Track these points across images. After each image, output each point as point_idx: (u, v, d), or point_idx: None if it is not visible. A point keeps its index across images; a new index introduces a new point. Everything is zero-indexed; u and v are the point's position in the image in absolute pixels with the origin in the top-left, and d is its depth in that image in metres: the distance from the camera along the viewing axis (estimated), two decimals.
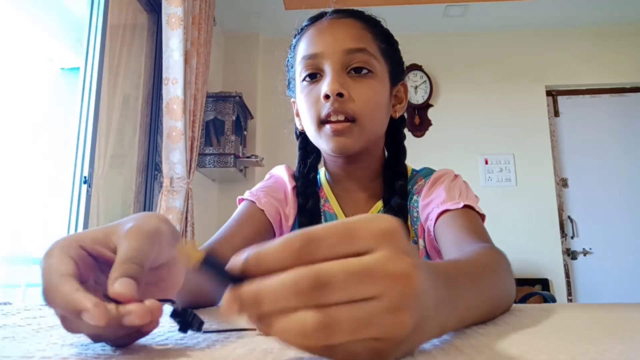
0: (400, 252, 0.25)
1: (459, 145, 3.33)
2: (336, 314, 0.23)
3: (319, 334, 0.23)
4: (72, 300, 0.28)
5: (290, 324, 0.23)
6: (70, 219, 1.82)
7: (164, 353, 0.29)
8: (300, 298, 0.23)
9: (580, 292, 3.22)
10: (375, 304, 0.24)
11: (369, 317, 0.24)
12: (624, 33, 3.46)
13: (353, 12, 0.79)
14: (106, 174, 2.03)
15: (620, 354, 0.27)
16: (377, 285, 0.24)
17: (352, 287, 0.23)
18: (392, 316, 0.24)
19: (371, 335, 0.24)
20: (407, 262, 0.25)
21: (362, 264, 0.24)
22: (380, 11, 0.84)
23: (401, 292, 0.24)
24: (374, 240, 0.25)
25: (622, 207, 3.29)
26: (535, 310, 0.49)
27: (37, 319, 0.43)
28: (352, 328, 0.24)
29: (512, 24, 3.46)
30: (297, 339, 0.24)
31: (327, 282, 0.23)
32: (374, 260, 0.24)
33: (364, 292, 0.24)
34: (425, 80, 3.46)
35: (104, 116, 2.05)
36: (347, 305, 0.24)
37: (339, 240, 0.25)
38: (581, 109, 3.47)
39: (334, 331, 0.23)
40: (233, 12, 3.12)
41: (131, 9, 2.41)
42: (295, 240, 0.24)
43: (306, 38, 0.76)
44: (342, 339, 0.24)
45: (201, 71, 2.41)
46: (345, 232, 0.25)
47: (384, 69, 0.76)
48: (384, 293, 0.24)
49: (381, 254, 0.24)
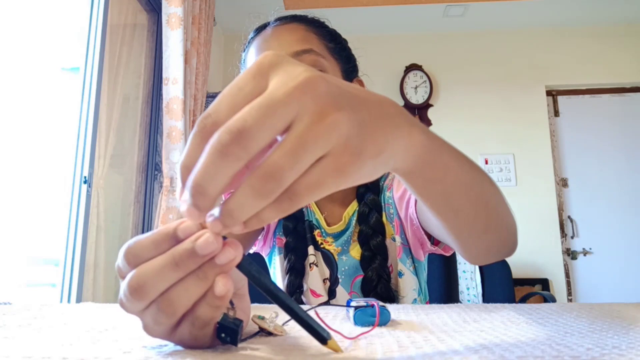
0: (289, 68, 0.25)
1: (459, 145, 3.22)
2: (270, 161, 0.23)
3: (270, 184, 0.23)
4: (155, 232, 0.27)
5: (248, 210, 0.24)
6: (70, 219, 1.82)
7: (164, 354, 0.29)
8: (228, 159, 0.23)
9: (580, 292, 3.22)
10: (298, 125, 0.24)
11: (300, 139, 0.24)
12: (624, 33, 3.46)
13: (296, 16, 0.79)
14: (106, 174, 2.03)
15: (621, 354, 0.27)
16: (287, 108, 0.24)
17: (267, 124, 0.23)
18: (320, 124, 0.24)
19: (317, 156, 0.24)
20: (299, 71, 0.24)
21: (263, 98, 0.24)
22: (381, 11, 0.84)
23: (312, 96, 0.24)
24: (263, 79, 0.25)
25: (622, 207, 3.29)
26: (535, 310, 0.49)
27: (37, 319, 0.43)
28: (292, 161, 0.23)
29: (512, 24, 3.46)
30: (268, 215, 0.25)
31: (242, 130, 0.23)
32: (270, 90, 0.24)
33: (280, 123, 0.24)
34: (425, 80, 3.46)
35: (104, 116, 2.05)
36: (276, 147, 0.24)
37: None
38: (581, 109, 3.47)
39: (280, 177, 0.23)
40: (233, 12, 3.12)
41: (131, 8, 2.41)
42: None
43: (253, 49, 0.77)
44: (289, 180, 0.24)
45: (201, 71, 2.41)
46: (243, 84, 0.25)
47: (335, 67, 0.76)
48: (298, 110, 0.24)
49: (273, 82, 0.24)
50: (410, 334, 0.35)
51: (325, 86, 0.25)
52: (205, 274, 0.26)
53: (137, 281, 0.26)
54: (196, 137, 0.25)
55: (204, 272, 0.26)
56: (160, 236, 0.27)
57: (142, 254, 0.27)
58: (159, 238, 0.27)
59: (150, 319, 0.28)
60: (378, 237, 0.75)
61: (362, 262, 0.75)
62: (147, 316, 0.28)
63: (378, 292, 0.72)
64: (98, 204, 1.98)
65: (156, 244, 0.27)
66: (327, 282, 0.78)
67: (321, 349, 0.30)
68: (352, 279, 0.76)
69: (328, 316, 0.46)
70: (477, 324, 0.40)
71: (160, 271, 0.26)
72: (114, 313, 0.48)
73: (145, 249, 0.27)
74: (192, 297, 0.27)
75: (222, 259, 0.26)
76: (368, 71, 0.90)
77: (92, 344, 0.32)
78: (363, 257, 0.75)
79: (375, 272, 0.73)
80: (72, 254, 1.80)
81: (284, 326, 0.36)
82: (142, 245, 0.27)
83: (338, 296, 0.76)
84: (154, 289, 0.26)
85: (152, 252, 0.27)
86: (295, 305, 0.29)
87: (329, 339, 0.28)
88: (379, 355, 0.28)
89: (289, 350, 0.30)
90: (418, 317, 0.45)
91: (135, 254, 0.27)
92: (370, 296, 0.72)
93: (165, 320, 0.27)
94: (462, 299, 2.66)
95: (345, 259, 0.78)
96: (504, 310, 0.49)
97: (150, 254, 0.27)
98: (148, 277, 0.26)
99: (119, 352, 0.29)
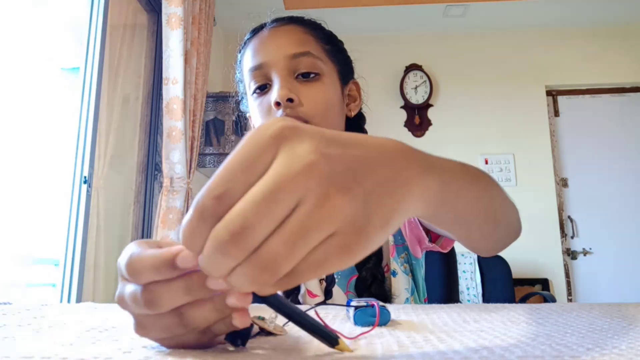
0: (296, 146, 0.24)
1: (459, 145, 3.33)
2: (268, 250, 0.23)
3: (266, 275, 0.23)
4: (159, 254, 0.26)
5: (243, 278, 0.23)
6: (70, 219, 1.82)
7: (164, 354, 0.29)
8: (230, 255, 0.23)
9: (580, 292, 3.22)
10: (302, 209, 0.23)
11: (302, 226, 0.23)
12: (624, 33, 3.46)
13: (293, 18, 0.79)
14: (106, 174, 2.03)
15: (621, 354, 0.27)
16: (292, 195, 0.23)
17: (270, 215, 0.22)
18: (322, 208, 0.23)
19: (318, 241, 0.23)
20: (305, 151, 0.23)
21: (266, 185, 0.23)
22: (381, 11, 0.84)
23: (318, 179, 0.23)
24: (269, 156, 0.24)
25: (622, 207, 3.29)
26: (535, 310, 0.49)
27: (37, 319, 0.43)
28: (291, 250, 0.23)
29: (512, 24, 3.46)
30: (254, 285, 0.24)
31: (243, 227, 0.22)
32: (273, 174, 0.23)
33: (283, 212, 0.23)
34: (425, 80, 3.46)
35: (104, 116, 2.05)
36: (276, 235, 0.23)
37: (243, 169, 0.24)
38: (581, 109, 3.47)
39: (278, 269, 0.23)
40: (233, 12, 3.12)
41: (131, 8, 2.41)
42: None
43: (250, 50, 0.76)
44: (287, 269, 0.23)
45: (201, 71, 2.41)
46: (247, 162, 0.24)
47: (332, 69, 0.76)
48: (301, 196, 0.23)
49: (277, 162, 0.23)
50: (410, 334, 0.35)
51: (330, 166, 0.24)
52: (220, 306, 0.27)
53: (151, 295, 0.27)
54: (201, 215, 0.23)
55: (219, 304, 0.27)
56: (160, 262, 0.26)
57: (142, 272, 0.27)
58: (158, 263, 0.27)
59: (156, 324, 0.28)
60: None
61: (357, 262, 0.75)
62: (152, 321, 0.28)
63: (372, 292, 0.72)
64: (98, 204, 1.98)
65: (156, 268, 0.27)
66: (324, 282, 0.78)
67: (321, 349, 0.30)
68: (348, 279, 0.76)
69: (328, 316, 0.46)
70: (477, 324, 0.40)
71: (173, 291, 0.27)
72: (114, 313, 0.48)
73: (145, 269, 0.27)
74: (209, 320, 0.27)
75: (231, 303, 0.26)
76: (368, 71, 0.90)
77: (92, 344, 0.32)
78: None
79: (369, 272, 0.73)
80: (72, 254, 1.80)
81: (284, 326, 0.36)
82: (143, 265, 0.27)
83: (334, 296, 0.76)
84: (165, 306, 0.27)
85: (153, 274, 0.27)
86: (297, 309, 0.29)
87: (337, 344, 0.28)
88: (379, 356, 0.28)
89: (289, 350, 0.30)
90: (418, 317, 0.45)
91: (136, 270, 0.27)
92: (364, 296, 0.72)
93: (178, 331, 0.28)
94: (462, 299, 2.66)
95: None
96: (504, 310, 0.49)
97: (150, 276, 0.27)
98: (160, 294, 0.27)
99: (119, 352, 0.29)
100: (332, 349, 0.29)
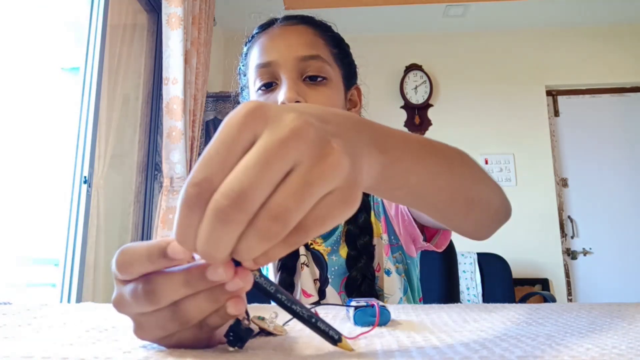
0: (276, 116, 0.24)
1: (459, 145, 3.21)
2: (276, 203, 0.23)
3: (277, 226, 0.23)
4: (153, 244, 0.27)
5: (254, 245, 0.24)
6: (70, 219, 1.82)
7: (163, 353, 0.29)
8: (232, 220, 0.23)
9: (580, 292, 3.22)
10: (300, 169, 0.24)
11: (306, 180, 0.23)
12: (624, 33, 3.46)
13: (304, 18, 0.79)
14: (106, 174, 2.03)
15: (621, 354, 0.27)
16: (284, 159, 0.23)
17: (265, 179, 0.23)
18: (323, 165, 0.24)
19: (323, 194, 0.24)
20: (288, 119, 0.24)
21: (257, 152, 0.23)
22: (381, 11, 0.84)
23: (307, 141, 0.24)
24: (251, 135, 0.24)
25: (622, 207, 3.29)
26: (535, 310, 0.49)
27: (37, 319, 0.43)
28: (299, 202, 0.23)
29: (512, 24, 3.46)
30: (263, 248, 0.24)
31: (240, 192, 0.23)
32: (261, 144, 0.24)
33: (278, 176, 0.23)
34: (425, 80, 3.46)
35: (104, 116, 2.06)
36: (281, 189, 0.23)
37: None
38: (581, 109, 3.47)
39: (288, 219, 0.23)
40: (233, 12, 3.12)
41: (131, 8, 2.41)
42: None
43: (258, 46, 0.76)
44: (296, 220, 0.24)
45: (201, 71, 2.41)
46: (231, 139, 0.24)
47: (338, 74, 0.76)
48: (296, 158, 0.24)
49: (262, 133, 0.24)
50: (410, 334, 0.35)
51: (315, 128, 0.25)
52: (216, 296, 0.27)
53: (152, 287, 0.27)
54: (186, 206, 0.24)
55: (215, 294, 0.27)
56: (152, 251, 0.27)
57: (134, 263, 0.27)
58: (151, 252, 0.27)
59: (153, 323, 0.28)
60: (365, 237, 0.75)
61: (348, 262, 0.75)
62: (150, 320, 0.28)
63: (362, 291, 0.72)
64: (98, 204, 1.98)
65: (148, 257, 0.27)
66: (317, 282, 0.78)
67: (321, 349, 0.30)
68: (341, 279, 0.76)
69: (328, 316, 0.46)
70: (477, 324, 0.40)
71: (173, 283, 0.27)
72: (114, 313, 0.48)
73: (138, 260, 0.27)
74: (203, 312, 0.28)
75: (232, 287, 0.26)
76: (368, 71, 0.89)
77: (92, 344, 0.32)
78: (349, 256, 0.75)
79: (359, 272, 0.73)
80: (72, 254, 1.80)
81: (284, 326, 0.36)
82: (137, 254, 0.27)
83: (328, 296, 0.76)
84: (165, 298, 0.27)
85: (145, 264, 0.27)
86: (301, 305, 0.29)
87: (340, 341, 0.29)
88: (379, 356, 0.28)
89: (289, 350, 0.30)
90: (418, 317, 0.45)
91: (128, 260, 0.27)
92: (354, 296, 0.72)
93: (173, 327, 0.28)
94: (462, 299, 2.66)
95: (335, 259, 0.77)
96: (504, 310, 0.49)
97: (142, 265, 0.27)
98: (160, 285, 0.27)
99: (119, 352, 0.29)
100: (332, 349, 0.29)
